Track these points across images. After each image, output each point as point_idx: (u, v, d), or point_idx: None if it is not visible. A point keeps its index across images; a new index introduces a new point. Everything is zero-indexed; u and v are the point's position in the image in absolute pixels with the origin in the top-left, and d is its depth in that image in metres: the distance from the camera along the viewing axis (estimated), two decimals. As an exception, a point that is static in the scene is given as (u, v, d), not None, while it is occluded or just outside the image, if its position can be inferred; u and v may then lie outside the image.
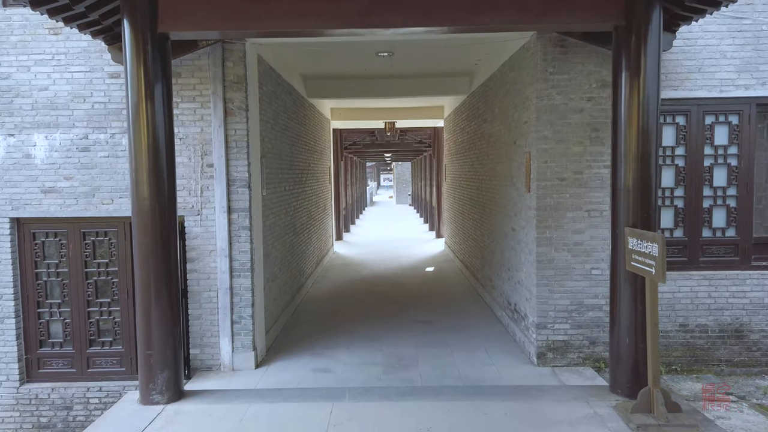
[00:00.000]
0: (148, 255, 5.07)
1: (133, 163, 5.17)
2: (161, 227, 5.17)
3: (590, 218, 6.55)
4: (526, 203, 6.97)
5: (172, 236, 5.28)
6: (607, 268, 6.56)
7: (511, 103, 7.74)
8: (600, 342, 6.62)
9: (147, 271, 5.08)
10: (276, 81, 8.37)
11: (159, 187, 5.17)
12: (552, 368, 6.57)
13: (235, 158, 6.59)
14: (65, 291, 6.78)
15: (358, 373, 6.51)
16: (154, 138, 5.16)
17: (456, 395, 5.43)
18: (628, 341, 5.08)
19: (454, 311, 9.29)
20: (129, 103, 5.22)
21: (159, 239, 5.12)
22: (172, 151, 5.49)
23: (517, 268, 7.50)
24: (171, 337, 5.17)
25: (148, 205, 5.07)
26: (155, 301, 5.11)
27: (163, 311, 5.13)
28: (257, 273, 6.95)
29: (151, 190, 5.08)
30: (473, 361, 6.89)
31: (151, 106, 5.17)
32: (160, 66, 5.25)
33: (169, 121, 5.40)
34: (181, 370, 5.42)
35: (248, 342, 6.71)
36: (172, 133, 5.49)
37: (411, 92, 11.46)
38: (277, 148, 8.36)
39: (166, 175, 5.28)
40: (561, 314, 6.62)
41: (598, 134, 6.48)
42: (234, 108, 6.54)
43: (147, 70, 5.14)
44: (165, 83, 5.31)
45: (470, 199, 11.59)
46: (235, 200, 6.62)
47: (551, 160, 6.52)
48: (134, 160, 5.16)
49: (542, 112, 6.48)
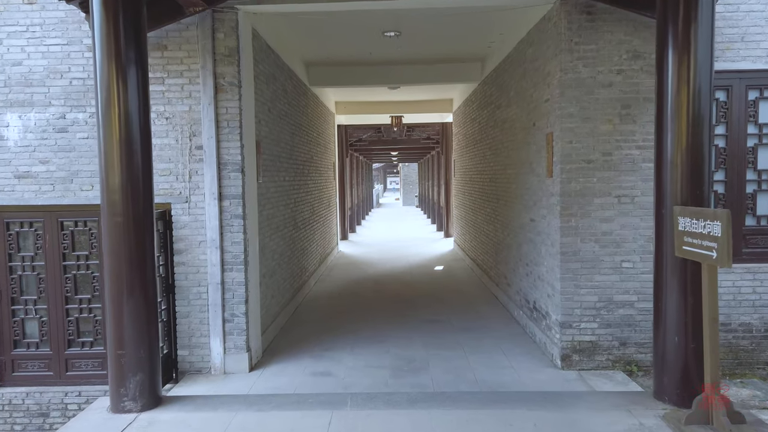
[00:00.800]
0: (118, 240, 4.45)
1: (103, 139, 4.55)
2: (134, 210, 4.56)
3: (620, 205, 5.89)
4: (548, 189, 6.31)
5: (148, 220, 4.66)
6: (640, 260, 5.91)
7: (529, 83, 7.10)
8: (632, 343, 5.95)
9: (118, 258, 4.45)
10: (275, 62, 7.77)
11: (131, 165, 4.55)
12: (578, 372, 5.91)
13: (227, 139, 5.98)
14: (42, 286, 6.17)
15: (362, 378, 5.87)
16: (126, 113, 4.56)
17: (474, 403, 4.77)
18: (677, 340, 4.40)
19: (466, 310, 8.64)
20: (97, 73, 4.61)
21: (132, 223, 4.50)
22: (148, 128, 4.87)
23: (537, 262, 6.84)
24: (146, 335, 4.54)
25: (119, 183, 4.47)
26: (128, 294, 4.48)
27: (137, 305, 4.50)
28: (252, 267, 6.33)
29: (122, 169, 4.47)
30: (490, 363, 6.23)
31: (122, 77, 4.57)
32: (133, 31, 4.64)
33: (144, 93, 4.80)
34: (158, 373, 4.78)
35: (241, 342, 6.09)
36: (147, 105, 4.88)
37: (419, 79, 10.83)
38: (275, 133, 7.75)
39: (140, 151, 4.67)
40: (588, 312, 5.95)
41: (628, 111, 5.83)
42: (225, 84, 5.93)
43: (118, 36, 4.54)
44: (139, 52, 4.71)
45: (482, 192, 10.93)
46: (227, 186, 6.01)
47: (576, 140, 5.86)
48: (104, 138, 4.55)
49: (566, 87, 5.83)
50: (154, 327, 4.68)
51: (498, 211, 9.33)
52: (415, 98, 15.13)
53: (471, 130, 12.21)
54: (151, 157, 4.88)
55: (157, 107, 5.95)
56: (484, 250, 10.86)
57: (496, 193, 9.44)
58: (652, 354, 5.90)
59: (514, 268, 8.15)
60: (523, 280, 7.56)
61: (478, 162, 11.36)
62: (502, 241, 8.99)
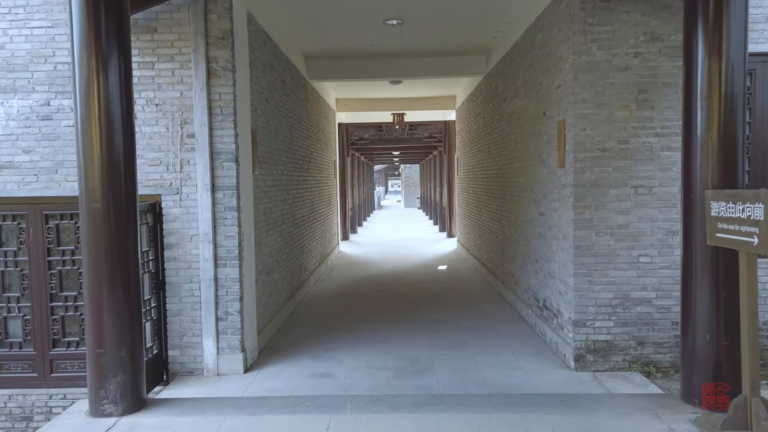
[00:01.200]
0: (97, 228, 4.11)
1: (80, 119, 4.22)
2: (115, 195, 4.23)
3: (637, 196, 5.55)
4: (560, 181, 5.98)
5: (131, 207, 4.33)
6: (658, 255, 5.57)
7: (539, 70, 6.77)
8: (649, 342, 5.60)
9: (96, 248, 4.11)
10: (272, 51, 7.45)
11: (111, 147, 4.22)
12: (592, 373, 5.56)
13: (220, 127, 5.65)
14: (25, 283, 5.83)
15: (363, 379, 5.53)
16: (107, 94, 4.23)
17: (485, 406, 4.42)
18: (708, 338, 4.05)
19: (472, 310, 8.29)
20: (74, 54, 4.30)
21: (112, 209, 4.17)
22: (130, 110, 4.57)
23: (548, 258, 6.49)
24: (128, 332, 4.19)
25: (98, 166, 4.14)
26: (108, 287, 4.14)
27: (118, 300, 4.16)
28: (247, 262, 5.99)
29: (102, 151, 4.15)
30: (498, 364, 5.89)
31: (101, 60, 4.24)
32: (115, 10, 4.32)
33: (126, 69, 4.47)
34: (141, 374, 4.43)
35: (236, 342, 5.75)
36: (129, 85, 4.56)
37: (422, 73, 10.51)
38: (272, 125, 7.42)
39: (121, 133, 4.33)
40: (603, 310, 5.61)
41: (646, 96, 5.49)
42: (218, 68, 5.60)
43: (98, 13, 4.21)
44: (120, 31, 4.39)
45: (487, 188, 10.59)
46: (220, 176, 5.68)
47: (591, 127, 5.53)
48: (81, 118, 4.22)
49: (580, 71, 5.50)
50: (137, 324, 4.34)
51: (504, 207, 8.99)
52: (418, 95, 14.81)
53: (475, 125, 11.88)
54: (134, 139, 4.55)
55: (146, 93, 5.64)
56: (489, 249, 10.51)
57: (503, 188, 9.10)
58: (671, 354, 5.58)
59: (522, 265, 7.81)
60: (532, 278, 7.22)
61: (483, 158, 11.02)
62: (509, 237, 8.65)
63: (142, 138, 5.66)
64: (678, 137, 5.48)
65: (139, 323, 4.38)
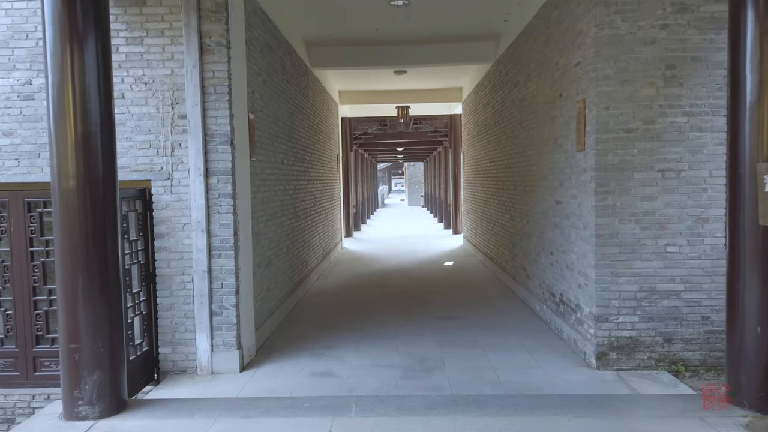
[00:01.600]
0: (72, 209, 3.70)
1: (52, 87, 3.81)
2: (92, 174, 3.82)
3: (664, 180, 5.13)
4: (579, 165, 5.56)
5: (109, 187, 3.92)
6: (687, 244, 5.16)
7: (554, 49, 6.35)
8: (677, 339, 5.19)
9: (70, 232, 3.70)
10: (270, 32, 7.05)
11: (85, 118, 3.82)
12: (616, 372, 5.15)
13: (214, 107, 5.26)
14: (6, 275, 5.44)
15: (368, 378, 5.13)
16: (81, 66, 3.82)
17: (505, 408, 4.01)
18: (759, 331, 3.61)
19: (482, 306, 7.88)
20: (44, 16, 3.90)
21: (89, 189, 3.76)
22: (108, 80, 4.14)
23: (565, 249, 6.08)
24: (106, 326, 3.78)
25: (71, 141, 3.74)
26: (84, 275, 3.73)
27: (95, 289, 3.76)
28: (243, 253, 5.60)
29: (75, 123, 3.73)
30: (513, 363, 5.48)
31: (74, 26, 3.84)
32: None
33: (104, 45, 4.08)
34: (121, 372, 4.02)
35: (231, 339, 5.35)
36: (108, 57, 4.16)
37: (428, 60, 10.08)
38: (272, 110, 7.02)
39: (97, 102, 3.92)
40: (627, 303, 5.19)
41: (674, 72, 5.07)
42: (212, 44, 5.21)
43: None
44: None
45: (496, 180, 10.17)
46: (215, 161, 5.28)
47: (614, 106, 5.12)
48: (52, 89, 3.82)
49: (602, 45, 5.08)
50: (117, 316, 3.92)
51: (515, 199, 8.58)
52: (423, 86, 14.39)
53: (483, 116, 11.46)
54: (112, 112, 4.12)
55: (134, 71, 5.25)
56: (498, 243, 10.09)
57: (513, 179, 8.68)
58: (701, 352, 5.18)
59: (535, 258, 7.39)
60: (547, 271, 6.80)
61: (491, 149, 10.60)
62: (521, 230, 8.23)
63: (130, 119, 5.27)
64: (709, 116, 5.08)
65: (120, 316, 3.97)
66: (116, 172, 4.08)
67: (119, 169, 5.23)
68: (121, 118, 5.25)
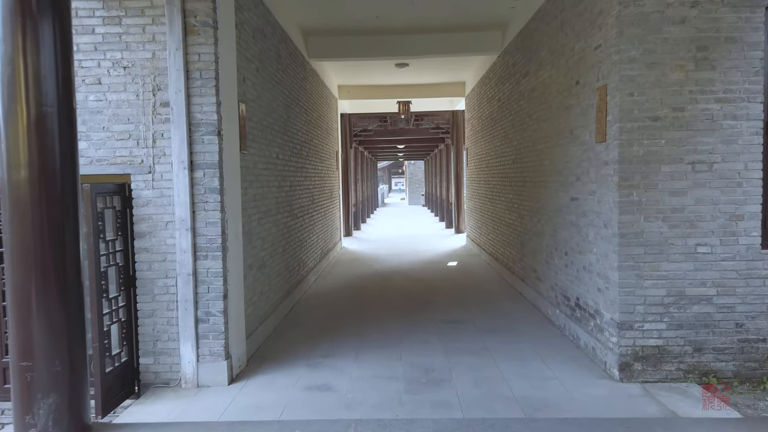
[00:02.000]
0: (24, 206, 3.22)
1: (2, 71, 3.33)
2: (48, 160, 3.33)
3: (695, 174, 4.66)
4: (600, 158, 5.09)
5: (68, 180, 3.43)
6: (719, 244, 4.69)
7: (570, 33, 5.88)
8: (709, 348, 4.72)
9: (22, 232, 3.22)
10: (264, 16, 6.58)
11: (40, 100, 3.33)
12: (641, 384, 4.68)
13: (199, 94, 4.78)
14: (-27, 279, 4.98)
15: (369, 392, 4.66)
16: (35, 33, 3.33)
17: (524, 432, 3.54)
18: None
19: (489, 309, 7.41)
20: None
21: (44, 177, 3.27)
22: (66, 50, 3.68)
23: (582, 249, 5.61)
24: (64, 341, 3.30)
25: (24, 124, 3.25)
26: (39, 282, 3.25)
27: (52, 298, 3.28)
28: (233, 254, 5.13)
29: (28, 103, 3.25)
30: (527, 373, 5.01)
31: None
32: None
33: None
34: (83, 394, 3.54)
35: (218, 348, 4.88)
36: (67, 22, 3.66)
37: (431, 51, 9.59)
38: (265, 100, 6.55)
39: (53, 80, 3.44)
40: (653, 309, 4.73)
41: (706, 54, 4.60)
42: (197, 24, 4.74)
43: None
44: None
45: (503, 177, 9.70)
46: (200, 152, 4.81)
47: (639, 91, 4.65)
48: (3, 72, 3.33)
49: (627, 25, 4.61)
50: (78, 329, 3.43)
51: (524, 196, 8.10)
52: (425, 81, 13.90)
53: (488, 110, 10.99)
54: (72, 90, 3.63)
55: (112, 54, 4.78)
56: (505, 243, 9.62)
57: (522, 174, 8.21)
58: (734, 362, 4.73)
59: (546, 259, 6.92)
60: (561, 273, 6.33)
61: (497, 144, 10.12)
62: (531, 229, 7.76)
63: (108, 107, 4.80)
64: (744, 103, 4.61)
65: (81, 329, 3.49)
66: (77, 161, 3.59)
67: (96, 162, 4.81)
68: (97, 106, 4.80)
